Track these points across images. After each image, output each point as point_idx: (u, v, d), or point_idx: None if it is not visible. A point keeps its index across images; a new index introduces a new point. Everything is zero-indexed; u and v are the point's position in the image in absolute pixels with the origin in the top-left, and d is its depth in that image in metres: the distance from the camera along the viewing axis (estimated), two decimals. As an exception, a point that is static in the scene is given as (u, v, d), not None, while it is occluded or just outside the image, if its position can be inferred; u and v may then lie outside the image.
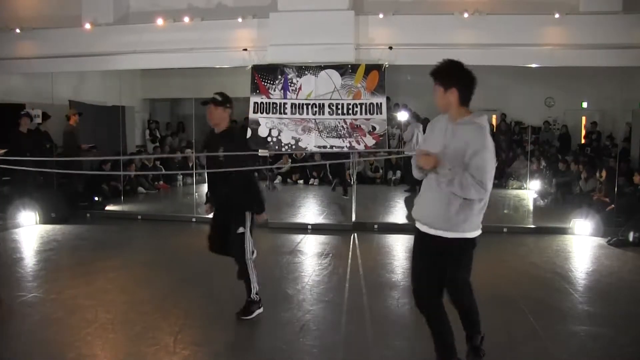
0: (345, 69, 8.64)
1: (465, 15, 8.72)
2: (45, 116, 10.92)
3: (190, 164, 13.59)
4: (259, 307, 4.98)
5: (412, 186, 12.89)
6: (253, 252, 4.96)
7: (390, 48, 8.72)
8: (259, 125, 8.85)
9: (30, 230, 8.79)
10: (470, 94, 3.53)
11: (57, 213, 9.46)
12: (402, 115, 15.06)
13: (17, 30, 9.88)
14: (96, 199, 10.75)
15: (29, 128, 9.86)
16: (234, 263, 4.97)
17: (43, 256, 7.40)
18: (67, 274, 6.59)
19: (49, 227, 8.96)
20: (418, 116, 12.54)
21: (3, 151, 8.92)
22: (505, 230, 8.84)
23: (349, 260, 7.13)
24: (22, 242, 8.20)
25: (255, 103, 8.89)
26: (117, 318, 5.04)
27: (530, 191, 12.70)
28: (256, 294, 4.96)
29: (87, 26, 9.60)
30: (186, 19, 9.28)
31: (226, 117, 5.14)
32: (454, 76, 3.53)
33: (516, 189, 13.47)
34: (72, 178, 10.39)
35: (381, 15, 8.84)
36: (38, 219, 9.14)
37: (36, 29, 9.88)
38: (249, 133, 8.96)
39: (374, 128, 8.61)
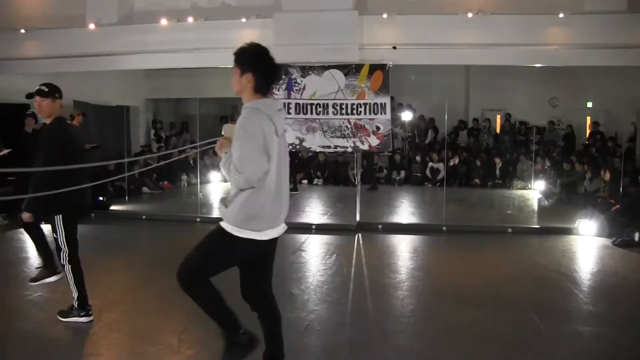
0: (349, 69, 8.63)
1: (469, 15, 8.70)
2: (50, 116, 10.94)
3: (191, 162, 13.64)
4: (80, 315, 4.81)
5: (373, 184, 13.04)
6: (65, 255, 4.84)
7: (394, 48, 8.72)
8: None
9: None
10: (267, 83, 3.37)
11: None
12: (407, 115, 15.08)
13: (22, 31, 9.91)
14: (101, 198, 10.78)
15: (34, 128, 9.87)
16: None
17: (48, 256, 7.40)
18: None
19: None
20: None
21: (7, 151, 8.97)
22: (509, 230, 8.83)
23: (354, 260, 7.13)
24: (27, 241, 8.21)
25: (259, 103, 8.89)
26: (121, 317, 5.05)
27: (534, 191, 12.68)
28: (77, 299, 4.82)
29: (92, 26, 9.62)
30: (190, 19, 9.29)
31: (57, 109, 4.94)
32: (253, 61, 3.35)
33: (520, 189, 13.45)
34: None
35: (385, 15, 8.83)
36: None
37: (40, 29, 9.90)
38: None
39: (378, 128, 8.60)
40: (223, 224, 3.33)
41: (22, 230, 8.14)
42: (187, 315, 5.02)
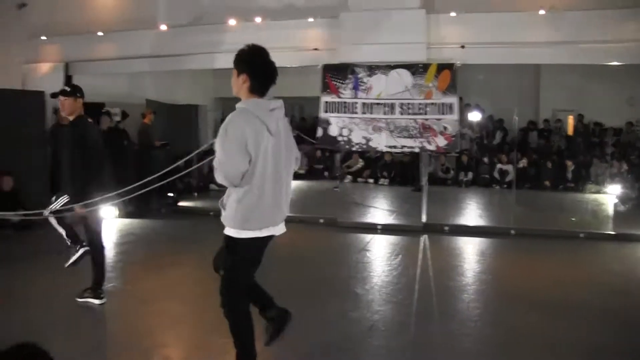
0: (416, 68, 8.53)
1: (541, 12, 8.44)
2: (124, 115, 11.36)
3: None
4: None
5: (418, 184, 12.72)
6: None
7: (463, 47, 8.56)
8: (330, 124, 8.87)
9: (110, 224, 9.15)
10: (263, 84, 3.42)
11: (134, 208, 9.83)
12: (475, 116, 14.79)
13: (99, 33, 10.32)
14: (170, 195, 11.09)
15: (109, 126, 10.28)
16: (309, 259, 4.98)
17: (121, 249, 7.70)
18: (142, 266, 6.84)
19: (126, 221, 9.30)
20: None
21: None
22: (582, 235, 8.48)
23: (419, 262, 7.05)
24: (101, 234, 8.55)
25: (325, 102, 8.91)
26: (188, 310, 5.18)
27: (610, 195, 12.15)
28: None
29: (163, 27, 9.90)
30: (258, 19, 9.42)
31: (78, 107, 5.29)
32: (249, 63, 3.43)
33: (594, 193, 12.91)
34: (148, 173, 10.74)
35: (453, 14, 8.69)
36: (117, 213, 9.51)
37: (116, 31, 10.29)
38: (319, 132, 8.99)
39: (445, 128, 8.46)
40: (226, 231, 3.46)
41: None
42: (253, 309, 5.09)
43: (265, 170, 3.32)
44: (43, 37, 10.74)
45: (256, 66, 3.43)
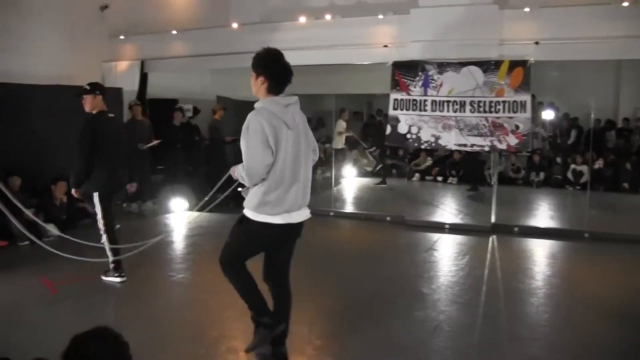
0: (488, 66, 8.34)
1: (625, 4, 8.02)
2: (195, 111, 11.68)
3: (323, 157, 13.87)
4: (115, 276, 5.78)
5: (474, 184, 12.31)
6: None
7: (537, 43, 8.29)
8: (399, 122, 8.81)
9: (180, 216, 9.45)
10: (279, 84, 3.71)
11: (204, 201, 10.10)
12: (548, 114, 14.33)
13: (174, 32, 10.64)
14: (240, 189, 11.30)
15: (181, 121, 10.60)
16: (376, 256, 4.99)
17: (190, 241, 7.94)
18: (211, 258, 6.93)
19: (196, 213, 9.56)
20: None
21: (158, 142, 9.71)
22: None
23: (487, 263, 6.92)
24: (172, 226, 8.85)
25: (395, 100, 8.86)
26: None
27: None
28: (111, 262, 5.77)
29: (234, 25, 10.10)
30: (327, 17, 9.46)
31: (98, 103, 5.72)
32: (266, 65, 3.74)
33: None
34: (218, 168, 11.01)
35: (527, 9, 8.42)
36: (187, 206, 9.80)
37: (189, 30, 10.57)
38: (388, 129, 8.96)
39: (517, 127, 8.24)
40: (244, 211, 3.80)
41: (168, 215, 8.81)
42: (317, 307, 5.16)
43: (285, 162, 3.61)
44: (121, 37, 11.19)
45: (273, 68, 3.73)
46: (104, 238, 5.76)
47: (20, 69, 9.02)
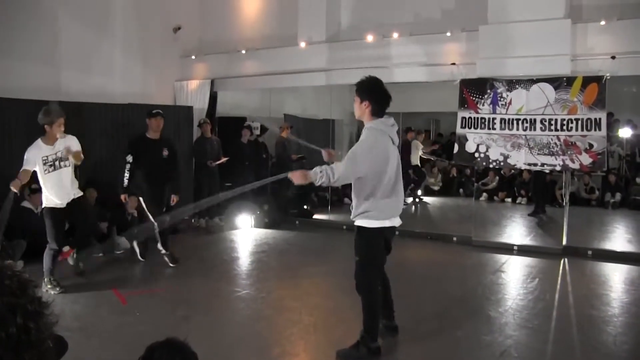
0: (559, 82, 8.06)
1: None
2: (263, 128, 11.86)
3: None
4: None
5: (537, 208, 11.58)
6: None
7: (613, 57, 7.94)
8: (467, 140, 8.63)
9: (246, 233, 9.58)
10: (382, 108, 4.27)
11: (270, 219, 10.22)
12: (625, 132, 13.72)
13: (243, 52, 10.88)
14: (305, 207, 11.40)
15: (249, 139, 10.78)
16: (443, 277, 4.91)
17: (255, 257, 8.03)
18: (275, 275, 7.07)
19: (261, 231, 9.68)
20: None
21: (225, 159, 9.90)
22: None
23: (558, 287, 6.64)
24: (238, 243, 8.98)
25: (463, 118, 8.69)
26: (319, 322, 5.27)
27: None
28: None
29: (302, 45, 10.22)
30: (395, 35, 9.43)
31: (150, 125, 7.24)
32: (370, 92, 4.27)
33: None
34: (283, 187, 11.12)
35: (603, 22, 8.09)
36: (253, 223, 9.93)
37: (258, 49, 10.78)
38: (455, 148, 8.79)
39: (591, 145, 7.89)
40: (358, 223, 4.29)
41: (235, 231, 9.07)
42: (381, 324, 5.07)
43: (391, 174, 4.19)
44: (193, 57, 11.52)
45: (376, 94, 4.27)
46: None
47: (96, 89, 9.44)
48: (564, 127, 7.98)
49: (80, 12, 9.41)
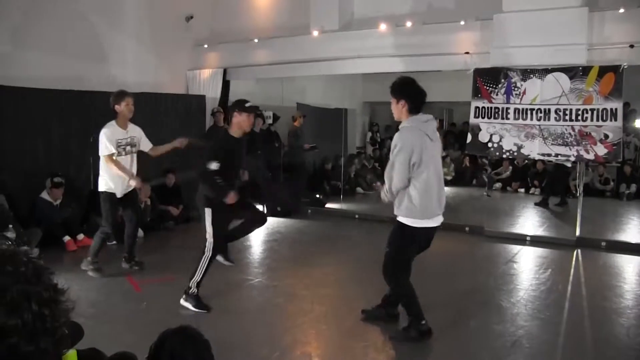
0: (575, 72, 7.97)
1: None
2: (275, 117, 11.87)
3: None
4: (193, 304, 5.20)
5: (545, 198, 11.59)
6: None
7: (632, 46, 7.81)
8: (480, 130, 8.57)
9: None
10: (417, 105, 4.36)
11: (282, 207, 10.25)
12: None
13: (255, 40, 10.85)
14: (318, 196, 11.41)
15: (262, 128, 10.79)
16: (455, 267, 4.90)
17: (268, 246, 8.06)
18: (287, 264, 7.10)
19: (274, 219, 9.69)
20: None
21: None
22: None
23: (570, 278, 6.62)
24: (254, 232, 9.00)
25: (476, 107, 8.63)
26: (330, 311, 5.29)
27: None
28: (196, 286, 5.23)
29: (315, 33, 10.18)
30: (408, 24, 9.35)
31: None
32: (405, 91, 4.36)
33: None
34: (296, 175, 11.14)
35: (622, 10, 7.95)
36: (265, 211, 9.95)
37: (270, 38, 10.75)
38: (468, 138, 8.74)
39: (606, 136, 7.81)
40: (400, 219, 4.37)
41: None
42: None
43: (430, 171, 4.22)
44: (205, 45, 11.52)
45: (411, 92, 4.36)
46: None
47: (109, 78, 9.46)
48: (579, 117, 7.90)
49: (94, 2, 9.42)
